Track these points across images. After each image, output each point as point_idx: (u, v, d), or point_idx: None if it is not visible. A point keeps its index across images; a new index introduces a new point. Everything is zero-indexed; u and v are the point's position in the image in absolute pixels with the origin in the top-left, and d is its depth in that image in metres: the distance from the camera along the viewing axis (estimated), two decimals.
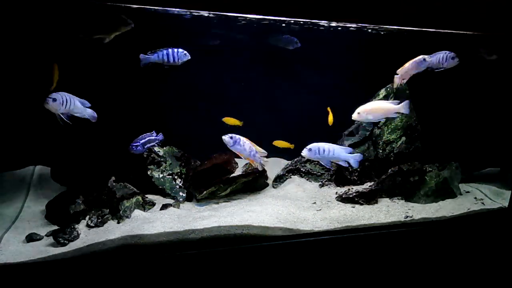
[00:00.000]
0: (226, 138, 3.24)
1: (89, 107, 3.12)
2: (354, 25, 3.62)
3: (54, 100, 2.88)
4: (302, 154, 3.30)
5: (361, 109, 3.34)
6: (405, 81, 3.71)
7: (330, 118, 4.14)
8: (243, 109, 4.60)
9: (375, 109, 3.36)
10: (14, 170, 3.82)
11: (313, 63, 4.63)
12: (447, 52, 3.62)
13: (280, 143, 4.23)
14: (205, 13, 3.24)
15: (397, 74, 3.67)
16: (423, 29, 3.29)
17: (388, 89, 4.29)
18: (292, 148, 4.24)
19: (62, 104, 2.91)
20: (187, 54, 3.34)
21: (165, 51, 3.30)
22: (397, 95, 4.22)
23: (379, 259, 3.21)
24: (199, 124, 4.34)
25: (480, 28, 3.24)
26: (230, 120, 4.13)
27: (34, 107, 3.66)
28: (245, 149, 3.26)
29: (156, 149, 4.02)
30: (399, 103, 3.36)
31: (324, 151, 3.23)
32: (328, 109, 4.09)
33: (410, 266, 3.28)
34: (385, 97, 4.27)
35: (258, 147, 3.34)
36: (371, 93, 4.45)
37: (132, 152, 3.41)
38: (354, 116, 3.35)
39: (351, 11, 2.91)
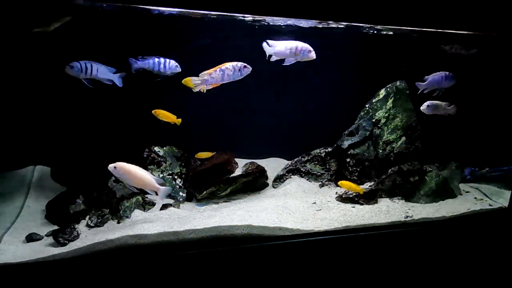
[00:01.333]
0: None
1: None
2: (353, 25, 3.61)
3: (72, 67, 3.05)
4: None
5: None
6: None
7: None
8: (243, 109, 4.61)
9: None
10: (14, 170, 3.82)
11: (313, 63, 4.63)
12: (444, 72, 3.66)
13: (202, 155, 4.05)
14: (205, 13, 3.24)
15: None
16: (423, 29, 3.29)
17: (388, 89, 4.30)
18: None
19: (82, 71, 3.07)
20: (178, 66, 3.32)
21: (156, 60, 3.27)
22: (397, 95, 4.23)
23: (379, 259, 3.21)
24: (199, 124, 4.33)
25: (480, 28, 3.24)
26: (164, 114, 3.57)
27: (34, 107, 3.68)
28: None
29: (156, 149, 4.02)
30: None
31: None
32: None
33: (410, 266, 3.28)
34: (385, 97, 4.27)
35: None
36: (371, 93, 4.46)
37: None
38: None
39: (352, 11, 2.91)
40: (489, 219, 3.58)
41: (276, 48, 3.22)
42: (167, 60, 3.28)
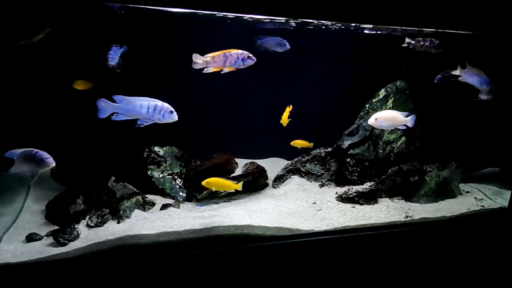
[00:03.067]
0: None
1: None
2: (353, 25, 3.62)
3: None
4: None
5: (379, 115, 3.37)
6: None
7: (284, 118, 3.90)
8: (243, 109, 4.61)
9: (389, 117, 3.40)
10: None
11: (313, 63, 4.63)
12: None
13: (298, 143, 4.13)
14: (204, 13, 3.24)
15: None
16: (423, 29, 3.29)
17: (388, 89, 4.30)
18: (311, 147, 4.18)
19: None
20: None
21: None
22: (397, 95, 4.23)
23: (379, 259, 3.21)
24: (199, 124, 4.33)
25: (480, 28, 3.24)
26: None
27: (34, 107, 3.68)
28: None
29: (156, 149, 4.02)
30: (407, 116, 3.39)
31: None
32: (287, 109, 3.86)
33: (410, 266, 3.28)
34: (385, 97, 4.27)
35: None
36: (371, 93, 4.46)
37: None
38: (371, 121, 3.36)
39: (352, 11, 2.91)
40: (489, 219, 3.58)
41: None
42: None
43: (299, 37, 4.05)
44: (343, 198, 3.67)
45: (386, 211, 3.49)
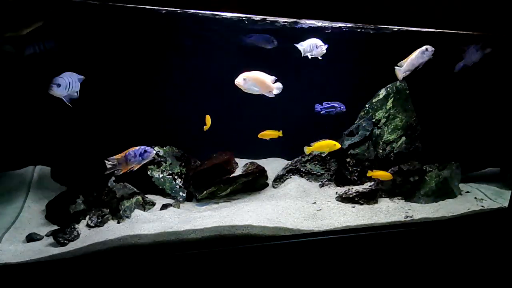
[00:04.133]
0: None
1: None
2: (353, 25, 3.62)
3: (59, 85, 2.76)
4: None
5: (247, 75, 3.20)
6: (408, 73, 3.71)
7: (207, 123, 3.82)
8: (243, 109, 4.61)
9: (257, 79, 3.23)
10: (14, 170, 3.82)
11: (313, 63, 4.63)
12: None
13: (266, 134, 3.93)
14: (203, 12, 3.24)
15: (399, 67, 3.70)
16: (423, 29, 3.29)
17: (388, 89, 4.30)
18: (281, 136, 4.02)
19: (66, 87, 2.81)
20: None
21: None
22: (397, 95, 4.23)
23: (379, 259, 3.21)
24: (199, 124, 4.33)
25: (480, 28, 3.24)
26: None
27: (34, 107, 3.68)
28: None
29: (156, 149, 4.02)
30: (276, 81, 3.28)
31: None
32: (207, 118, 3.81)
33: (410, 266, 3.28)
34: (385, 97, 4.27)
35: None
36: (371, 93, 4.46)
37: None
38: (239, 81, 3.17)
39: (352, 11, 2.91)
40: (489, 219, 3.58)
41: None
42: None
43: (299, 37, 4.06)
44: (343, 198, 3.67)
45: (386, 211, 3.49)
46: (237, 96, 4.50)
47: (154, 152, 3.07)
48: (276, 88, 3.32)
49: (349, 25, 3.60)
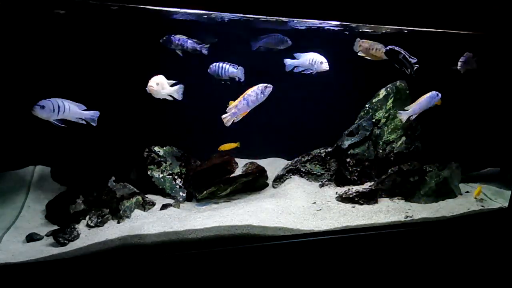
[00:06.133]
0: None
1: (84, 110, 2.99)
2: (354, 25, 3.62)
3: (43, 107, 2.72)
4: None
5: (157, 79, 3.19)
6: (414, 117, 3.80)
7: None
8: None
9: (160, 82, 3.21)
10: (14, 170, 3.82)
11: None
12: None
13: (226, 147, 4.02)
14: (202, 13, 3.24)
15: (402, 111, 3.80)
16: (423, 29, 3.29)
17: (388, 89, 4.30)
18: (238, 147, 4.07)
19: (53, 111, 2.77)
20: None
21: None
22: (397, 95, 4.23)
23: (379, 259, 3.21)
24: (199, 124, 4.33)
25: (480, 28, 3.24)
26: None
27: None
28: None
29: (156, 149, 4.02)
30: (174, 84, 3.24)
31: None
32: None
33: (410, 266, 3.28)
34: (385, 97, 4.28)
35: None
36: (371, 93, 4.46)
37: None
38: (152, 86, 3.15)
39: (351, 10, 2.92)
40: (489, 219, 3.58)
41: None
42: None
43: (299, 37, 4.05)
44: (343, 198, 3.67)
45: (386, 211, 3.49)
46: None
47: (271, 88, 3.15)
48: (174, 91, 3.30)
49: (353, 24, 3.59)
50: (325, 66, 3.68)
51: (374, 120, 4.25)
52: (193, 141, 4.27)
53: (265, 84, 3.17)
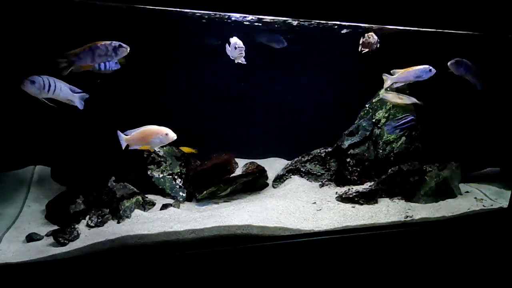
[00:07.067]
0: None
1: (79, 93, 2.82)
2: (353, 25, 3.61)
3: (33, 82, 2.52)
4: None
5: None
6: (397, 85, 3.69)
7: None
8: (243, 109, 4.61)
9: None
10: (14, 170, 3.82)
11: (313, 63, 4.64)
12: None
13: (185, 149, 4.10)
14: (201, 12, 3.24)
15: (389, 75, 3.70)
16: (423, 29, 3.29)
17: (388, 89, 4.29)
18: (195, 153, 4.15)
19: (44, 88, 2.57)
20: (118, 63, 3.15)
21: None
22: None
23: (379, 259, 3.21)
24: (199, 124, 4.34)
25: (480, 28, 3.24)
26: None
27: (34, 107, 3.68)
28: None
29: (156, 149, 4.02)
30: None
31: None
32: None
33: (410, 266, 3.28)
34: None
35: None
36: (371, 93, 4.46)
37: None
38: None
39: (351, 10, 2.91)
40: (489, 219, 3.58)
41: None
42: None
43: (298, 36, 4.06)
44: (343, 198, 3.67)
45: (386, 211, 3.49)
46: (238, 96, 4.52)
47: (128, 48, 2.73)
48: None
49: (347, 24, 3.59)
50: (239, 51, 3.29)
51: (374, 120, 4.25)
52: (193, 141, 4.27)
53: (120, 43, 2.77)
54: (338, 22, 3.47)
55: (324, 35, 3.88)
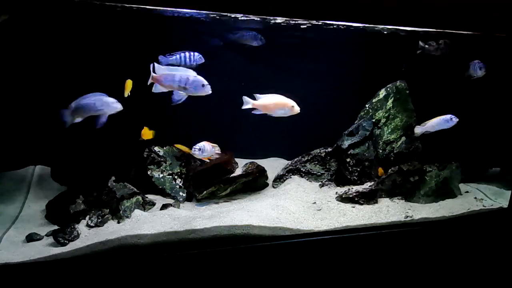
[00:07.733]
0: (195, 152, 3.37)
1: None
2: (353, 25, 3.62)
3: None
4: None
5: None
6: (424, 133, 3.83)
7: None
8: (243, 109, 4.60)
9: None
10: (14, 170, 3.82)
11: (313, 62, 4.63)
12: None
13: (180, 147, 4.05)
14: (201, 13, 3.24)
15: (419, 126, 3.83)
16: (423, 29, 3.29)
17: (388, 89, 4.30)
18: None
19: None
20: (202, 57, 3.33)
21: (182, 54, 3.28)
22: (397, 95, 4.23)
23: (379, 259, 3.21)
24: (199, 124, 4.33)
25: (480, 28, 3.24)
26: None
27: (34, 107, 3.68)
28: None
29: (156, 149, 4.02)
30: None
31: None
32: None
33: (410, 266, 3.28)
34: (385, 97, 4.27)
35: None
36: (371, 93, 4.46)
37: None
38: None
39: (351, 10, 2.91)
40: (489, 219, 3.58)
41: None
42: (191, 52, 3.30)
43: (298, 36, 4.06)
44: (343, 198, 3.67)
45: (386, 211, 3.49)
46: (238, 96, 4.50)
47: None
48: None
49: (347, 24, 3.59)
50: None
51: (374, 120, 4.25)
52: (193, 141, 4.27)
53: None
54: (338, 22, 3.48)
55: (324, 35, 3.87)
